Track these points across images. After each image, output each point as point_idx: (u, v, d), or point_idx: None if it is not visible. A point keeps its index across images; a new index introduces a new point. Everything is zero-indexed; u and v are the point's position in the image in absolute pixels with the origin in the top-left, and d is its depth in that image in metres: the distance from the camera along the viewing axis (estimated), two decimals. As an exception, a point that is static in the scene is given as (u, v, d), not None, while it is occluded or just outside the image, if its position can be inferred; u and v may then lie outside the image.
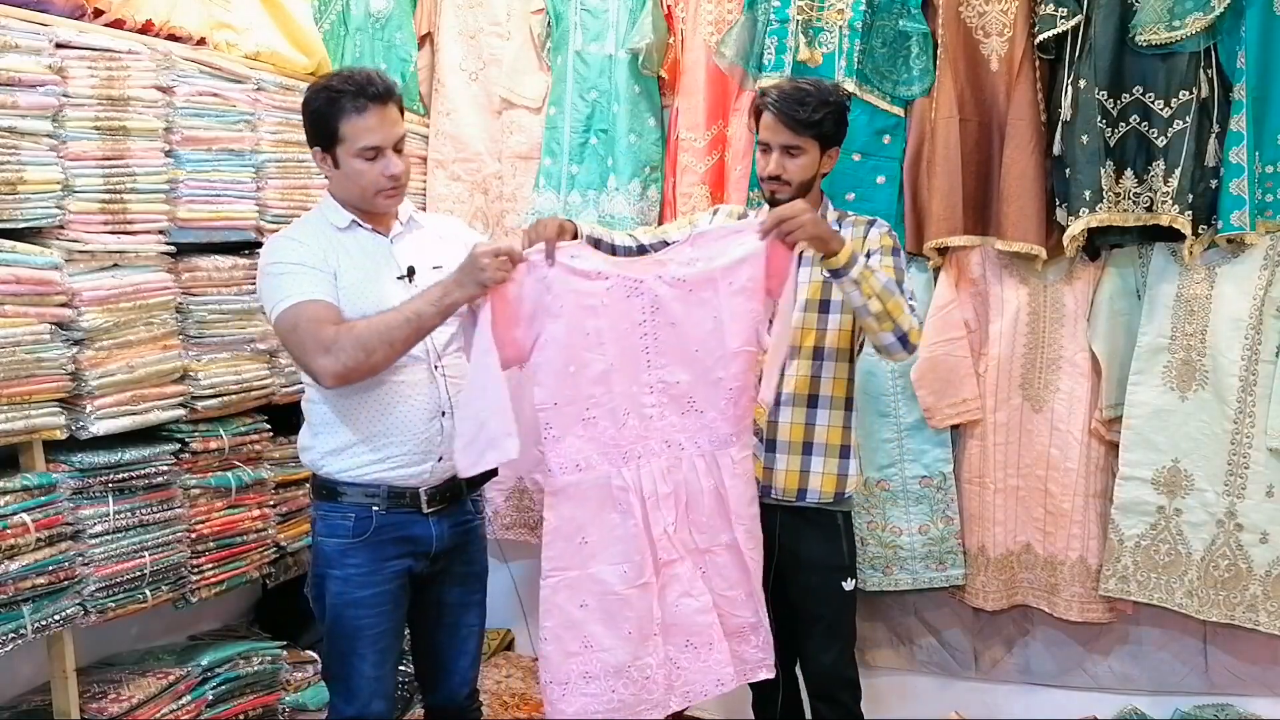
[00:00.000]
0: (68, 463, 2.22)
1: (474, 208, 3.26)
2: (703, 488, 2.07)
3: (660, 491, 2.05)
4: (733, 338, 2.03)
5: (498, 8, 3.21)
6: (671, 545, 2.06)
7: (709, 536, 2.08)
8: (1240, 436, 2.53)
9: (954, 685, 2.98)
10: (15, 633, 2.07)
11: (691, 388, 2.06)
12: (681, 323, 2.04)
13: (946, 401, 2.78)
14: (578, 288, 2.00)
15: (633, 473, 2.04)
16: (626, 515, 2.03)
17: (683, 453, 2.07)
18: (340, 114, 1.98)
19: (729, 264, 2.03)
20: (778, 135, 2.16)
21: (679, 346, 2.05)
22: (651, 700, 2.06)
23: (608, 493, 2.04)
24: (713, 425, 2.07)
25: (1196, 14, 2.40)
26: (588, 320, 2.01)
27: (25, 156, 2.12)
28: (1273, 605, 2.51)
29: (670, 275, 2.03)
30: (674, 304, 2.03)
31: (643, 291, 2.03)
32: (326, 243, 2.07)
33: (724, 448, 2.07)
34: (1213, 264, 2.56)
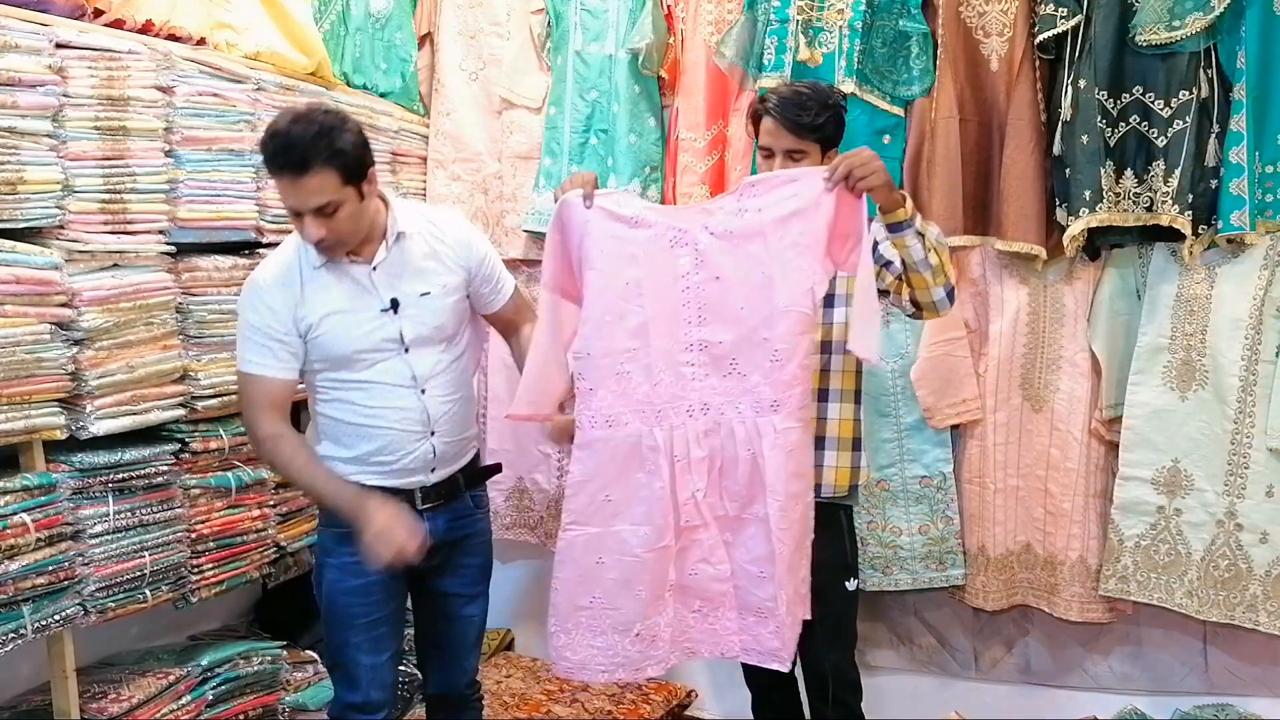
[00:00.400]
0: (68, 463, 2.22)
1: (474, 208, 3.27)
2: (739, 456, 1.96)
3: (694, 456, 1.96)
4: (781, 295, 1.91)
5: (498, 8, 3.21)
6: (698, 511, 1.98)
7: (740, 505, 1.99)
8: (1240, 436, 2.53)
9: (954, 685, 2.98)
10: (15, 633, 2.07)
11: (734, 348, 1.94)
12: (727, 277, 1.93)
13: (946, 401, 2.78)
14: (618, 234, 1.93)
15: (665, 434, 1.96)
16: (653, 476, 1.96)
17: (722, 417, 1.96)
18: (268, 167, 1.96)
19: (781, 216, 1.91)
20: (780, 140, 2.14)
21: (723, 303, 1.94)
22: (656, 656, 2.02)
23: (637, 452, 1.96)
24: (755, 390, 1.94)
25: (1196, 14, 2.40)
26: (627, 269, 1.93)
27: (25, 156, 2.12)
28: (1273, 605, 2.51)
29: (717, 226, 1.93)
30: (720, 257, 1.92)
31: (686, 242, 1.93)
32: (299, 290, 2.05)
33: (766, 415, 1.94)
34: (1213, 264, 2.56)
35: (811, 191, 1.91)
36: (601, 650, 2.01)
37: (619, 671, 2.04)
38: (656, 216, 1.96)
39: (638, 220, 1.94)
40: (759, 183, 1.97)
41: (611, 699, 3.07)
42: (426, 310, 2.09)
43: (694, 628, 2.03)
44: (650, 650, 2.01)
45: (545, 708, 3.04)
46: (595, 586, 1.99)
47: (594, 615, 2.01)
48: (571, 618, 2.02)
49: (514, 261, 3.23)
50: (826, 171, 1.92)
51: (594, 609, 2.00)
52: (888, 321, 2.81)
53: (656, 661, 2.03)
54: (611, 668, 2.02)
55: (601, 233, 1.93)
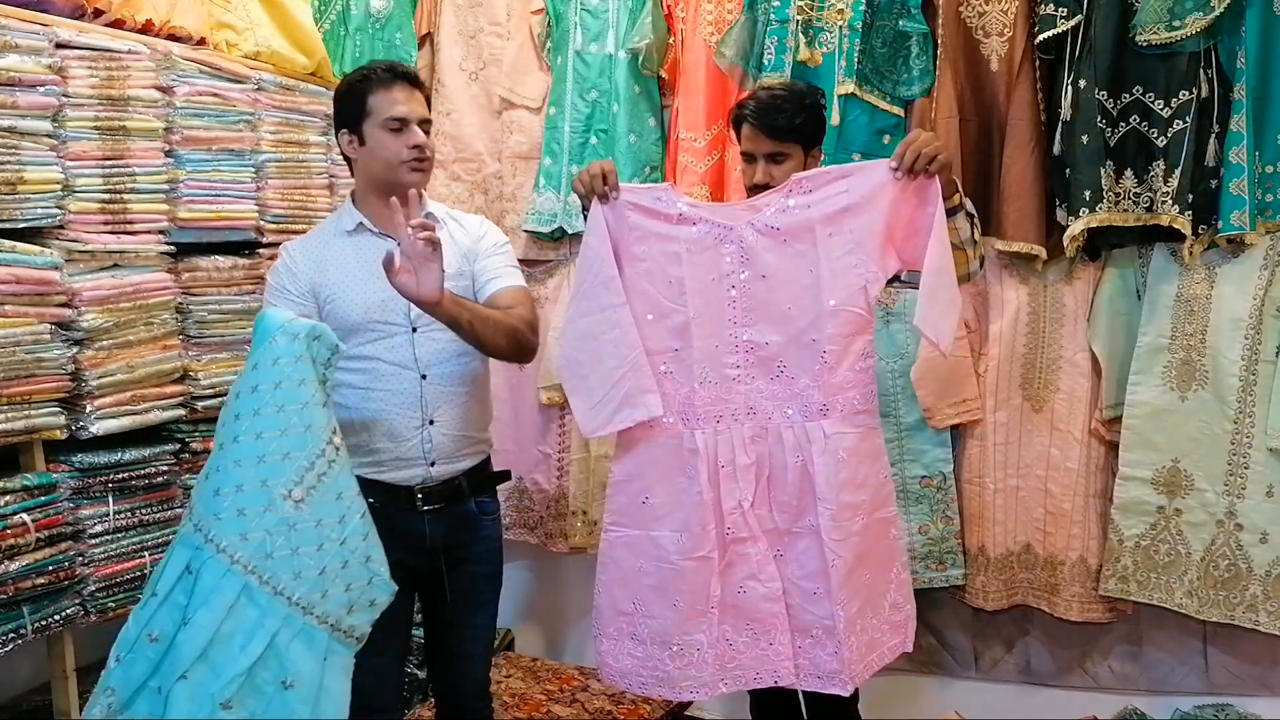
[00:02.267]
0: (68, 463, 2.23)
1: (474, 208, 3.26)
2: (788, 463, 1.88)
3: (739, 462, 1.88)
4: (831, 294, 1.85)
5: (498, 8, 3.21)
6: (745, 522, 1.88)
7: (790, 517, 1.90)
8: (1240, 436, 2.53)
9: (954, 685, 2.98)
10: (15, 633, 2.08)
11: (782, 350, 1.88)
12: (773, 276, 1.87)
13: (946, 401, 2.78)
14: (661, 231, 1.89)
15: (708, 437, 1.89)
16: (693, 481, 1.89)
17: (769, 422, 1.89)
18: (369, 89, 2.07)
19: (832, 212, 1.85)
20: (760, 145, 2.12)
21: (769, 302, 1.88)
22: (699, 679, 1.92)
23: (678, 454, 1.90)
24: (805, 394, 1.87)
25: (1196, 14, 2.40)
26: (670, 267, 1.88)
27: (25, 156, 2.12)
28: (1273, 605, 2.51)
29: (764, 222, 1.87)
30: (766, 255, 1.87)
31: (732, 239, 1.87)
32: (324, 254, 2.11)
33: (816, 419, 1.87)
34: (1213, 264, 2.56)
35: (866, 186, 1.86)
36: (641, 661, 1.95)
37: (659, 688, 1.97)
38: (701, 213, 1.92)
39: (682, 216, 1.90)
40: (809, 178, 1.92)
41: (611, 699, 3.07)
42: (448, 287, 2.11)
43: (744, 653, 1.93)
44: (689, 670, 1.92)
45: (545, 708, 3.04)
46: (635, 592, 1.94)
47: (634, 623, 1.96)
48: (613, 623, 1.98)
49: (514, 261, 3.24)
50: (892, 162, 1.86)
51: (634, 616, 1.95)
52: (887, 321, 2.81)
53: (701, 685, 1.93)
54: (651, 682, 1.95)
55: (646, 229, 1.89)
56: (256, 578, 1.70)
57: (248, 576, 1.70)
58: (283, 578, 1.71)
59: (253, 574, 1.70)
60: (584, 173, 1.96)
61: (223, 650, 1.68)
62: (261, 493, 1.71)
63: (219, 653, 1.68)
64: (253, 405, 1.75)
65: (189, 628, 1.67)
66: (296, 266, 2.10)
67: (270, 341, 1.77)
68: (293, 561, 1.72)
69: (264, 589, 1.70)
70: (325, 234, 2.16)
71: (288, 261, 2.12)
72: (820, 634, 1.90)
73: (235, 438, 1.74)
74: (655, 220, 1.90)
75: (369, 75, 2.08)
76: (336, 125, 2.14)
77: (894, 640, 2.02)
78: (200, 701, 1.65)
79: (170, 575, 1.73)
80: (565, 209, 3.08)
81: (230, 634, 1.68)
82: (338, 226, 2.15)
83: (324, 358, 1.81)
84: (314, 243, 2.15)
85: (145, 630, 1.70)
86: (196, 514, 1.75)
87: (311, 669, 1.73)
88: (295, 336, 1.78)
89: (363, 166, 2.13)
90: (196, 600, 1.69)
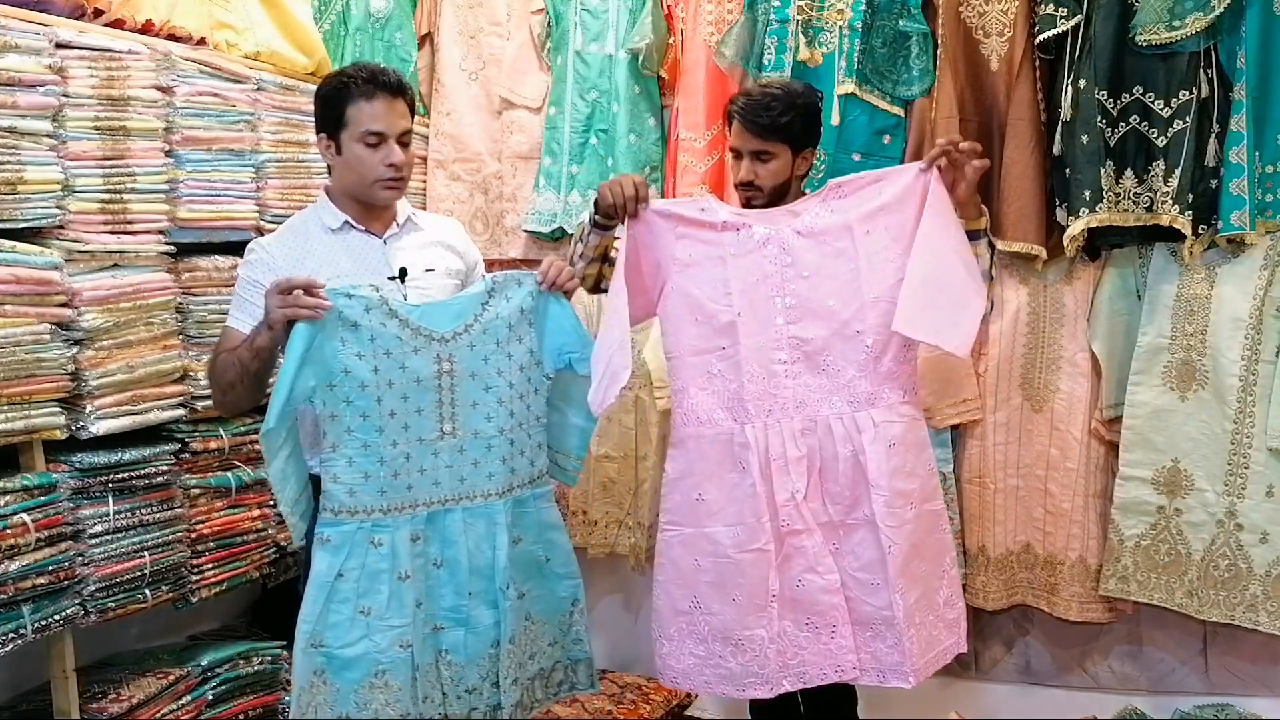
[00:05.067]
0: (68, 463, 2.23)
1: (474, 208, 3.27)
2: (839, 454, 1.94)
3: (790, 455, 1.94)
4: (871, 287, 1.93)
5: (498, 8, 3.21)
6: (799, 514, 1.93)
7: (844, 509, 1.94)
8: (1240, 436, 2.53)
9: (954, 685, 2.97)
10: (15, 633, 2.08)
11: (827, 343, 1.95)
12: (815, 274, 1.95)
13: (946, 401, 2.78)
14: (705, 238, 1.97)
15: (759, 431, 1.95)
16: (745, 475, 1.94)
17: (818, 414, 1.95)
18: (348, 98, 2.01)
19: (868, 211, 1.94)
20: (746, 142, 2.13)
21: (813, 299, 1.95)
22: (762, 675, 1.95)
23: (729, 449, 1.96)
24: (851, 384, 1.94)
25: (1196, 14, 2.40)
26: (715, 270, 1.96)
27: (25, 156, 2.12)
28: (1273, 605, 2.51)
29: (803, 225, 1.96)
30: (807, 254, 1.95)
31: (774, 242, 1.96)
32: (308, 248, 2.06)
33: (864, 409, 1.94)
34: (1213, 264, 2.56)
35: (898, 187, 1.95)
36: (703, 660, 1.98)
37: (722, 686, 1.99)
38: (743, 219, 1.99)
39: (725, 223, 1.98)
40: (844, 184, 2.01)
41: (611, 699, 3.06)
42: (432, 285, 2.12)
43: (806, 648, 1.96)
44: (753, 666, 1.95)
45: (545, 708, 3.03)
46: (693, 589, 1.98)
47: (693, 621, 1.99)
48: (673, 623, 2.01)
49: (514, 261, 3.23)
50: (923, 164, 1.96)
51: (693, 614, 1.98)
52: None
53: (763, 681, 1.96)
54: (714, 680, 1.98)
55: (689, 236, 1.97)
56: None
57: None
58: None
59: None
60: (616, 184, 2.00)
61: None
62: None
63: None
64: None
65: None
66: (275, 263, 2.03)
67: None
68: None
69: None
70: (303, 231, 2.10)
71: (264, 258, 2.04)
72: (880, 626, 1.94)
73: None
74: (700, 229, 1.98)
75: (349, 83, 2.02)
76: (316, 127, 2.09)
77: (950, 640, 2.05)
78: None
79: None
80: (565, 209, 3.08)
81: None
82: (318, 223, 2.10)
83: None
84: (292, 240, 2.08)
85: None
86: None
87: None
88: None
89: (338, 174, 2.10)
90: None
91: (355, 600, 1.90)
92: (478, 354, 1.98)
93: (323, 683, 1.89)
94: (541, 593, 2.10)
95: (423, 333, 1.93)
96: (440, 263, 2.16)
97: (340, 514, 1.89)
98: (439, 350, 1.94)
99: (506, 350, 2.01)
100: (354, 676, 1.90)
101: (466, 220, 3.22)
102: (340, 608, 1.90)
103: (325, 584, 1.89)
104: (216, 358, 1.99)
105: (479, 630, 2.01)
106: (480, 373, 1.99)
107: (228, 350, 1.96)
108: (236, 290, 2.07)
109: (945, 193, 1.96)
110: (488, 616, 2.01)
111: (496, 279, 2.02)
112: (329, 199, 2.13)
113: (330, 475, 1.89)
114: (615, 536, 3.13)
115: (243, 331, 1.97)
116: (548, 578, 2.11)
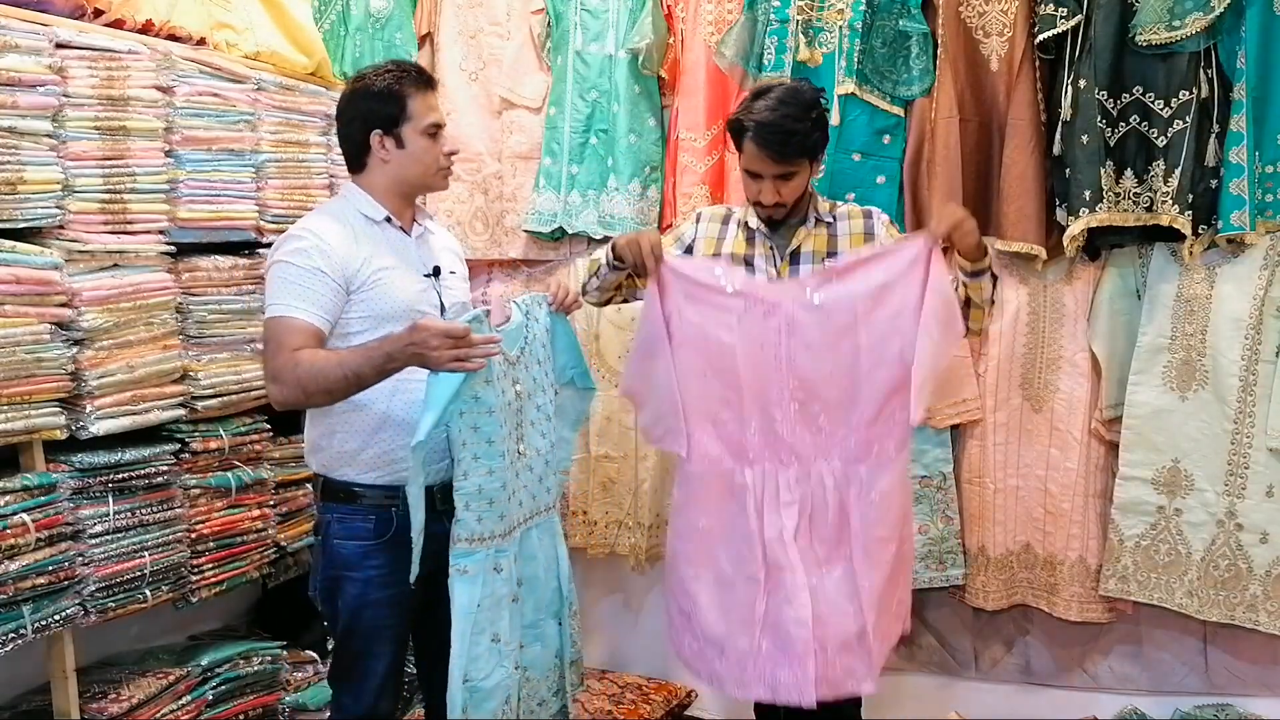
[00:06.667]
0: (68, 463, 2.23)
1: (474, 208, 3.26)
2: (829, 502, 2.09)
3: (784, 499, 2.09)
4: (870, 362, 2.04)
5: (498, 8, 3.21)
6: (784, 551, 2.07)
7: (829, 547, 2.09)
8: (1240, 436, 2.53)
9: (954, 685, 2.98)
10: (15, 633, 2.08)
11: (824, 409, 2.08)
12: (817, 347, 2.05)
13: (946, 401, 2.78)
14: (715, 302, 2.07)
15: (757, 475, 2.10)
16: (741, 509, 2.10)
17: (812, 466, 2.09)
18: (408, 93, 2.04)
19: (872, 289, 2.02)
20: (768, 167, 2.11)
21: (814, 370, 2.06)
22: (739, 680, 2.12)
23: (730, 486, 2.12)
24: (844, 443, 2.08)
25: (1196, 14, 2.40)
26: (723, 334, 2.07)
27: (25, 156, 2.12)
28: (1273, 605, 2.51)
29: (809, 300, 2.05)
30: (811, 329, 2.05)
31: (779, 314, 2.05)
32: (357, 234, 2.03)
33: (855, 465, 2.08)
34: (1213, 264, 2.56)
35: (900, 263, 2.01)
36: (697, 654, 2.18)
37: (709, 682, 2.19)
38: (753, 289, 2.09)
39: (737, 291, 2.07)
40: (844, 268, 2.06)
41: (611, 699, 3.07)
42: (457, 288, 2.19)
43: (780, 667, 2.09)
44: (734, 671, 2.12)
45: (546, 708, 3.04)
46: (693, 599, 2.16)
47: (691, 623, 2.17)
48: (678, 617, 2.21)
49: (514, 261, 3.23)
50: (921, 246, 1.99)
51: (691, 617, 2.17)
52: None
53: (740, 685, 2.13)
54: (704, 675, 2.19)
55: (698, 298, 2.08)
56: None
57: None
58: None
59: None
60: (634, 242, 2.09)
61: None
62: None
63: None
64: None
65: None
66: (331, 249, 1.96)
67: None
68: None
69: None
70: (347, 218, 2.04)
71: (319, 244, 1.95)
72: (853, 644, 2.08)
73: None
74: (709, 293, 2.08)
75: (404, 76, 2.04)
76: (367, 125, 2.04)
77: (897, 628, 2.21)
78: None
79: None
80: (565, 209, 3.08)
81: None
82: (357, 214, 2.06)
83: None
84: (340, 226, 2.02)
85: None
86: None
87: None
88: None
89: (395, 168, 2.07)
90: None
91: (489, 629, 1.96)
92: (530, 374, 2.08)
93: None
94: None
95: (507, 357, 2.00)
96: (457, 267, 2.24)
97: (473, 543, 1.95)
98: (513, 373, 2.03)
99: (545, 369, 2.12)
100: (491, 706, 1.97)
101: (467, 220, 3.22)
102: (479, 639, 1.94)
103: (469, 615, 1.93)
104: (299, 354, 1.88)
105: (548, 644, 2.14)
106: (533, 392, 2.09)
107: (319, 353, 1.89)
108: (287, 278, 1.93)
109: (944, 267, 2.02)
110: (552, 629, 2.14)
111: (523, 302, 2.10)
112: (366, 193, 2.08)
113: (462, 503, 1.93)
114: (615, 536, 3.14)
115: (309, 322, 1.91)
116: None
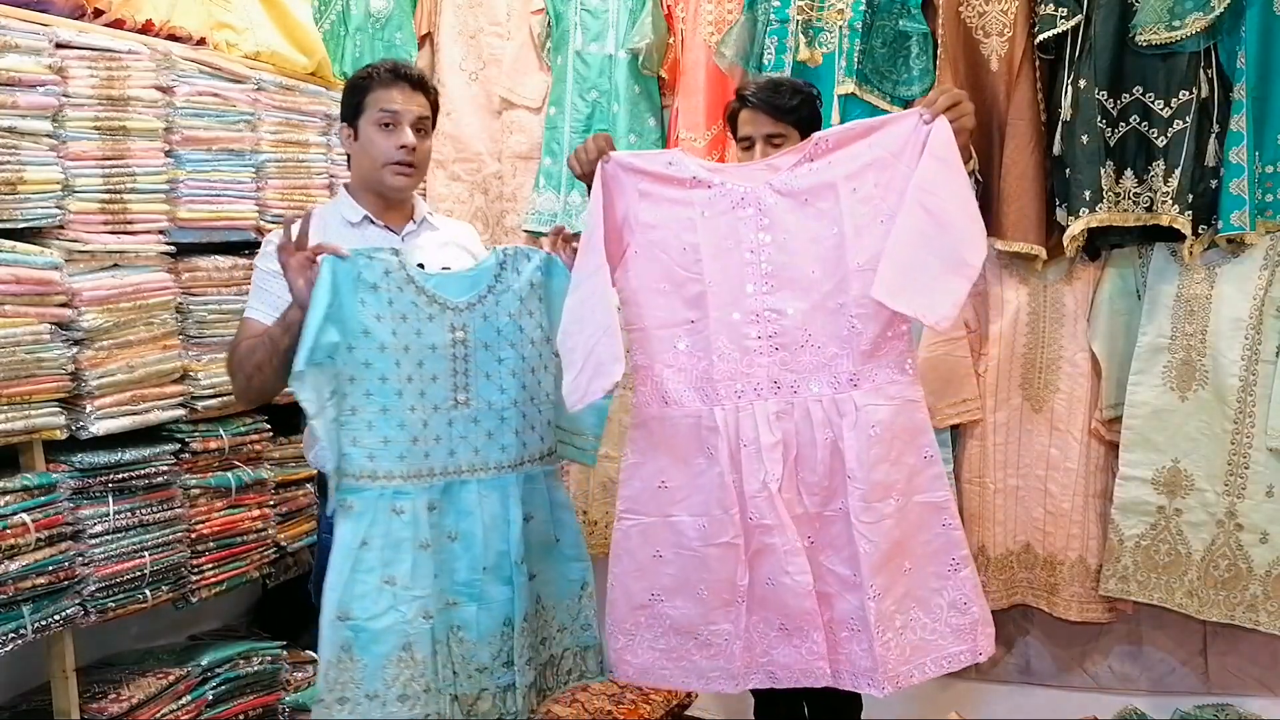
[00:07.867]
0: (68, 463, 2.23)
1: (474, 208, 3.27)
2: (816, 440, 1.76)
3: (764, 441, 1.75)
4: (856, 254, 1.72)
5: (498, 8, 3.21)
6: (770, 506, 1.75)
7: (821, 500, 1.77)
8: (1240, 436, 2.53)
9: (954, 685, 2.97)
10: (15, 633, 2.08)
11: (807, 317, 1.76)
12: (795, 238, 1.75)
13: (946, 401, 2.78)
14: (674, 196, 1.78)
15: (729, 414, 1.77)
16: (712, 462, 1.77)
17: (795, 396, 1.76)
18: (370, 86, 2.09)
19: (855, 169, 1.74)
20: (760, 126, 2.16)
21: (792, 267, 1.76)
22: (728, 671, 1.83)
23: (695, 433, 1.79)
24: (833, 363, 1.76)
25: (1196, 14, 2.40)
26: (684, 234, 1.77)
27: (25, 156, 2.12)
28: (1273, 605, 2.51)
29: (783, 183, 1.77)
30: (787, 216, 1.75)
31: (750, 202, 1.76)
32: (327, 240, 2.01)
33: (846, 391, 1.75)
34: (1213, 264, 2.56)
35: (892, 139, 1.73)
36: (665, 654, 1.86)
37: (686, 680, 1.88)
38: (716, 176, 1.81)
39: (696, 180, 1.79)
40: (830, 137, 1.79)
41: (611, 699, 3.06)
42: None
43: (776, 648, 1.82)
44: (720, 662, 1.83)
45: (545, 708, 3.04)
46: (654, 583, 1.84)
47: (653, 615, 1.86)
48: (630, 618, 1.89)
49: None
50: (922, 111, 1.73)
51: (653, 608, 1.85)
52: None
53: (729, 677, 1.84)
54: (677, 674, 1.87)
55: (655, 195, 1.78)
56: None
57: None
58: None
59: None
60: (581, 148, 1.89)
61: None
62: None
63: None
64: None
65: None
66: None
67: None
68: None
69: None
70: (321, 224, 2.09)
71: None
72: (855, 626, 1.77)
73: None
74: (667, 186, 1.80)
75: (373, 73, 2.11)
76: (341, 119, 2.17)
77: (957, 647, 1.81)
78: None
79: None
80: (565, 209, 3.08)
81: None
82: (337, 217, 2.14)
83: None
84: (312, 231, 2.05)
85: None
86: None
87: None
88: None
89: (355, 162, 2.17)
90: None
91: (380, 570, 1.87)
92: (490, 325, 1.97)
93: (350, 659, 1.86)
94: (552, 575, 2.07)
95: (438, 300, 1.93)
96: (456, 263, 2.17)
97: (361, 479, 1.88)
98: (453, 319, 1.94)
99: (518, 323, 1.99)
100: (382, 650, 1.87)
101: (467, 220, 3.22)
102: (366, 577, 1.86)
103: (350, 552, 1.86)
104: (239, 345, 1.99)
105: (492, 607, 1.98)
106: (493, 344, 1.97)
107: (251, 336, 1.97)
108: (255, 281, 2.07)
109: (953, 138, 1.72)
110: (501, 593, 1.98)
111: (507, 252, 2.00)
112: (348, 194, 2.17)
113: (350, 439, 1.88)
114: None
115: (262, 321, 1.99)
116: (558, 560, 2.07)
